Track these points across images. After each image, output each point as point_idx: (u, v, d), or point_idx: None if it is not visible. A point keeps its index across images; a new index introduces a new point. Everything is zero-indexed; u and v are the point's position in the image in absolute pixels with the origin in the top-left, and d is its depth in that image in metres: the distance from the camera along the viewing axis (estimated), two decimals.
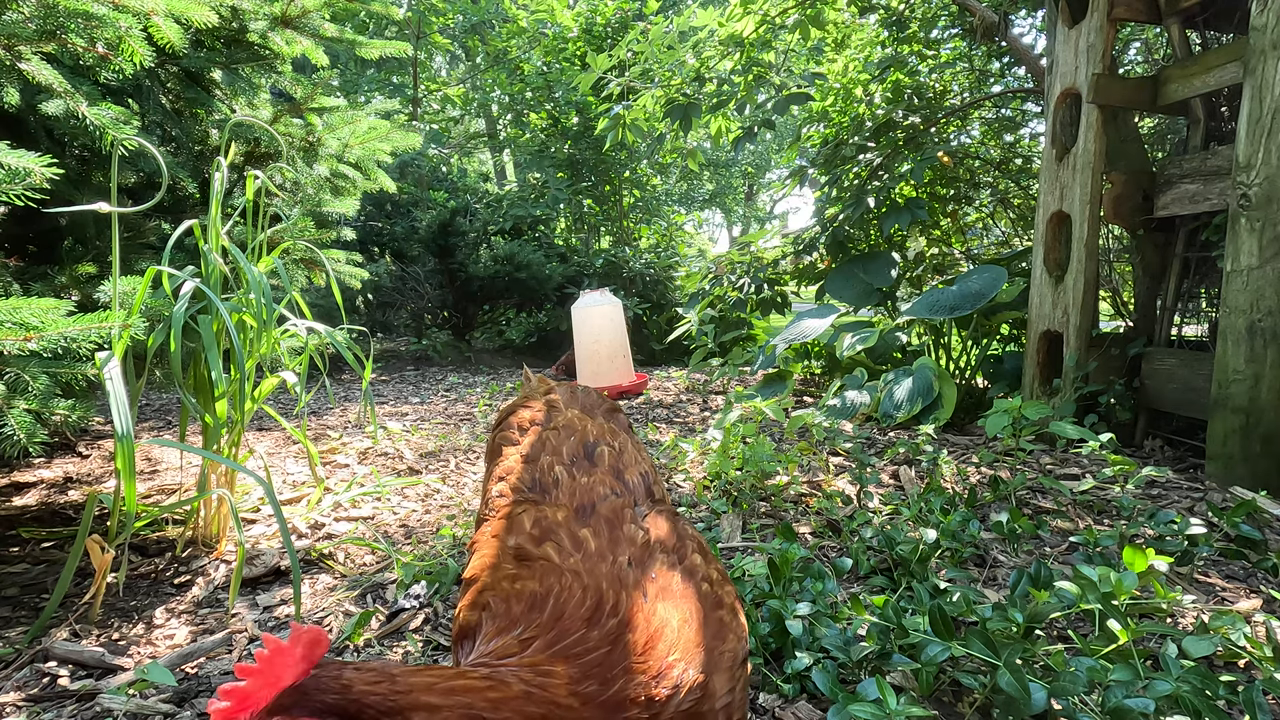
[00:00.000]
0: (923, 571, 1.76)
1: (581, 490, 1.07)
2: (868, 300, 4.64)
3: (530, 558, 0.92)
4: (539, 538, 0.95)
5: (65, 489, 2.64)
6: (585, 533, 0.95)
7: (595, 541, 0.93)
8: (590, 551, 0.91)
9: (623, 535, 0.96)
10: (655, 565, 0.91)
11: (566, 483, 1.10)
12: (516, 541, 0.96)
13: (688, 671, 0.79)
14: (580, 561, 0.89)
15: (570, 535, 0.94)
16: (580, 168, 9.33)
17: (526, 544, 0.94)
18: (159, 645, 1.60)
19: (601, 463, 1.16)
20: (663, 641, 0.80)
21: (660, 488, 1.19)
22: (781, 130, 19.01)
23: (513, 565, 0.92)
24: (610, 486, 1.09)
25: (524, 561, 0.91)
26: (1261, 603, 1.66)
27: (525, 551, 0.93)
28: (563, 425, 1.26)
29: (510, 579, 0.89)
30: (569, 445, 1.20)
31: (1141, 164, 3.35)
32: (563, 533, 0.95)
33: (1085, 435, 2.53)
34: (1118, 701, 1.11)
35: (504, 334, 7.86)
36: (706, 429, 3.29)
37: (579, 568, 0.88)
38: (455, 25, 13.29)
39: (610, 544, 0.93)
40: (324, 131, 2.57)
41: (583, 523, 0.98)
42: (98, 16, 1.52)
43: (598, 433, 1.24)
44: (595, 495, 1.06)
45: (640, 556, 0.92)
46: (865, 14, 5.54)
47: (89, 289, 1.88)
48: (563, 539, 0.94)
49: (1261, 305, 2.37)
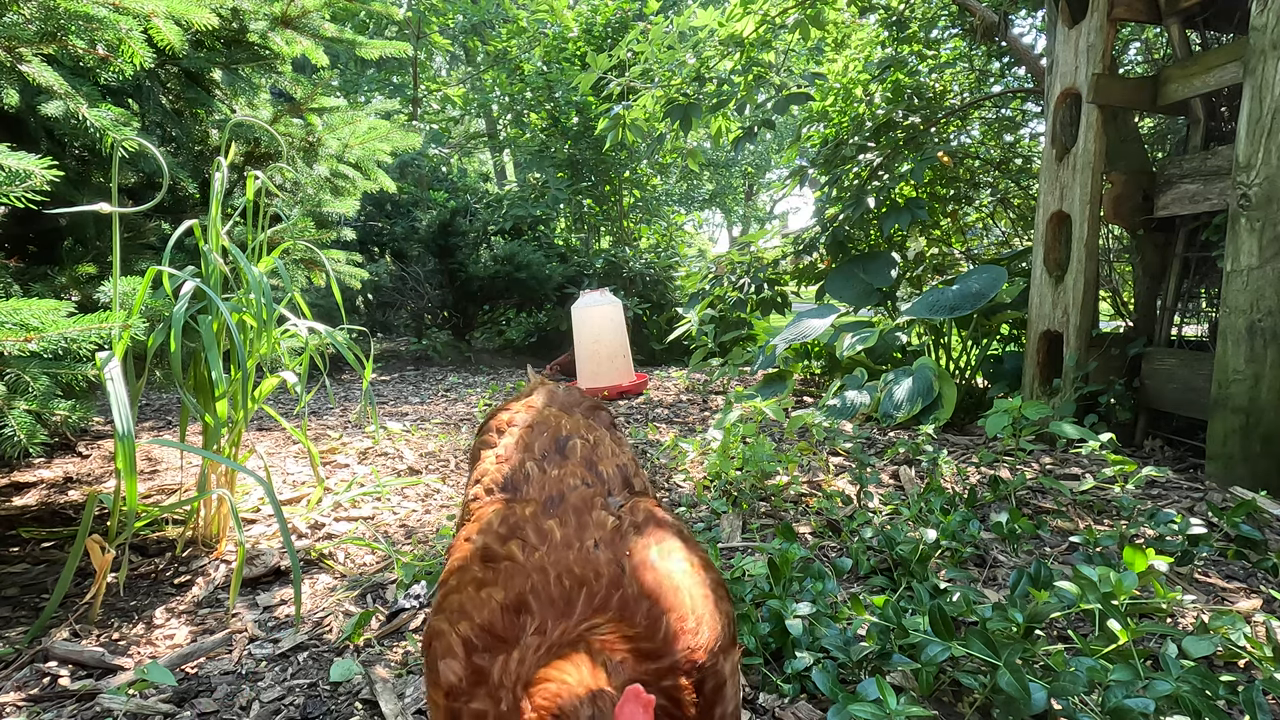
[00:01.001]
0: (923, 571, 1.76)
1: (551, 483, 1.05)
2: (868, 300, 4.64)
3: (495, 558, 0.89)
4: (505, 535, 0.93)
5: (65, 489, 2.64)
6: (551, 524, 0.93)
7: (561, 531, 0.91)
8: (556, 542, 0.89)
9: (591, 521, 0.94)
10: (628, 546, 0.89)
11: (537, 477, 1.08)
12: (484, 541, 0.93)
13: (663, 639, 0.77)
14: (545, 555, 0.87)
15: (536, 529, 0.92)
16: (580, 168, 9.33)
17: (493, 543, 0.92)
18: (159, 645, 1.60)
19: (573, 455, 1.14)
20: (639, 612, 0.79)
21: (641, 480, 1.17)
22: (781, 130, 19.01)
23: (479, 567, 0.89)
24: (581, 477, 1.07)
25: (489, 563, 0.89)
26: (1261, 603, 1.66)
27: (491, 551, 0.91)
28: (537, 423, 1.25)
29: (476, 584, 0.87)
30: (541, 441, 1.18)
31: (1141, 164, 3.35)
32: (529, 528, 0.93)
33: (1085, 435, 2.53)
34: (1118, 701, 1.11)
35: (504, 334, 7.87)
36: (706, 429, 3.29)
37: (543, 563, 0.85)
38: (455, 25, 13.29)
39: (578, 530, 0.91)
40: (324, 131, 2.57)
41: (550, 514, 0.96)
42: (98, 18, 1.52)
43: (571, 427, 1.22)
44: (565, 486, 1.04)
45: (610, 539, 0.90)
46: (865, 14, 5.54)
47: (89, 289, 1.88)
48: (528, 534, 0.92)
49: (1261, 305, 2.37)
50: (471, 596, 0.85)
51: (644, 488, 1.16)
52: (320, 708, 1.37)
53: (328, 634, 1.65)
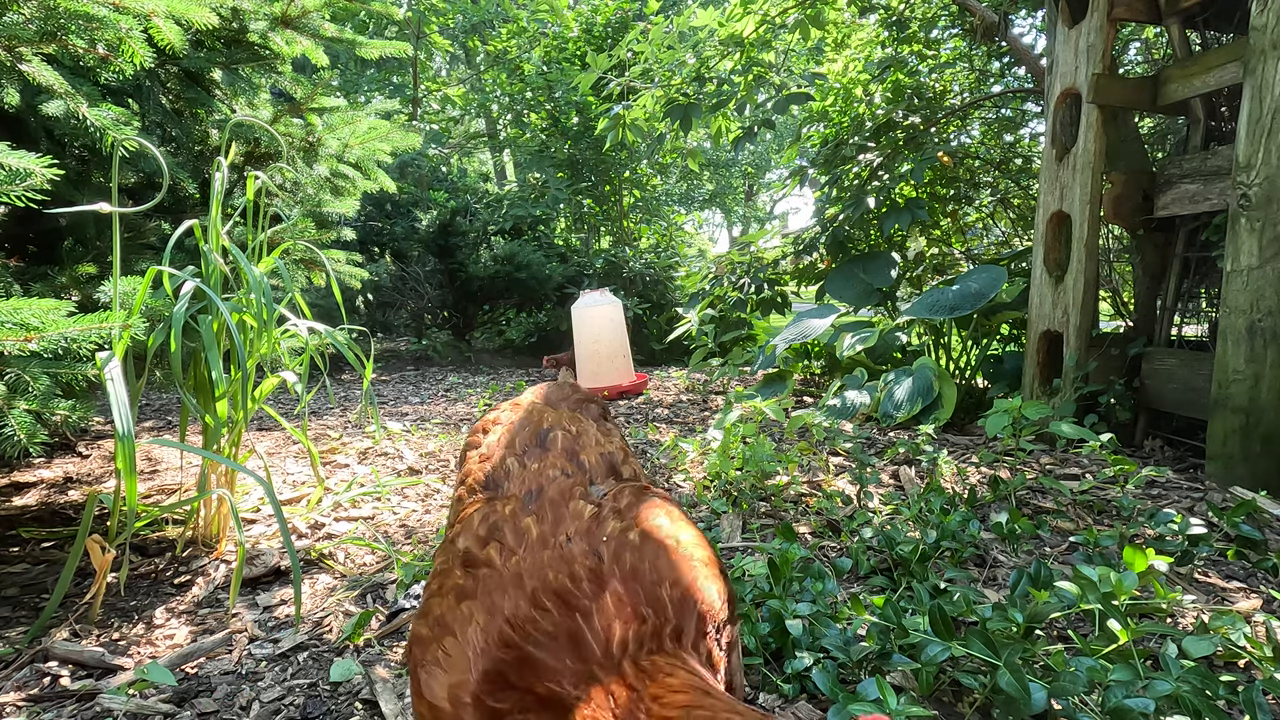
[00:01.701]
0: (923, 571, 1.76)
1: (530, 477, 1.03)
2: (868, 300, 4.64)
3: (475, 563, 0.88)
4: (485, 537, 0.91)
5: (65, 489, 2.64)
6: (528, 521, 0.91)
7: (538, 528, 0.89)
8: (532, 541, 0.87)
9: (567, 513, 0.92)
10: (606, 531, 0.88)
11: (517, 473, 1.05)
12: (465, 545, 0.91)
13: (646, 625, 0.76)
14: (521, 558, 0.85)
15: (514, 529, 0.91)
16: (580, 168, 9.33)
17: (473, 546, 0.90)
18: (159, 645, 1.60)
19: (554, 447, 1.11)
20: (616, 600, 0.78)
21: (631, 467, 1.15)
22: (781, 130, 19.02)
23: (461, 573, 0.88)
24: (561, 468, 1.05)
25: (470, 568, 0.87)
26: (1261, 603, 1.66)
27: (471, 556, 0.89)
28: (520, 419, 1.23)
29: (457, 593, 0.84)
30: (522, 436, 1.16)
31: (1141, 164, 3.35)
32: (507, 528, 0.91)
33: (1085, 435, 2.53)
34: (1118, 701, 1.11)
35: (504, 334, 7.87)
36: (706, 429, 3.29)
37: (519, 568, 0.83)
38: (455, 25, 13.29)
39: (553, 525, 0.90)
40: (324, 131, 2.57)
41: (527, 510, 0.94)
42: (98, 18, 1.52)
43: (554, 420, 1.20)
44: (544, 479, 1.01)
45: (587, 529, 0.88)
46: (865, 14, 5.54)
47: (89, 289, 1.88)
48: (506, 535, 0.90)
49: (1261, 305, 2.37)
50: (451, 608, 0.83)
51: (634, 474, 1.14)
52: (320, 708, 1.37)
53: (328, 634, 1.65)
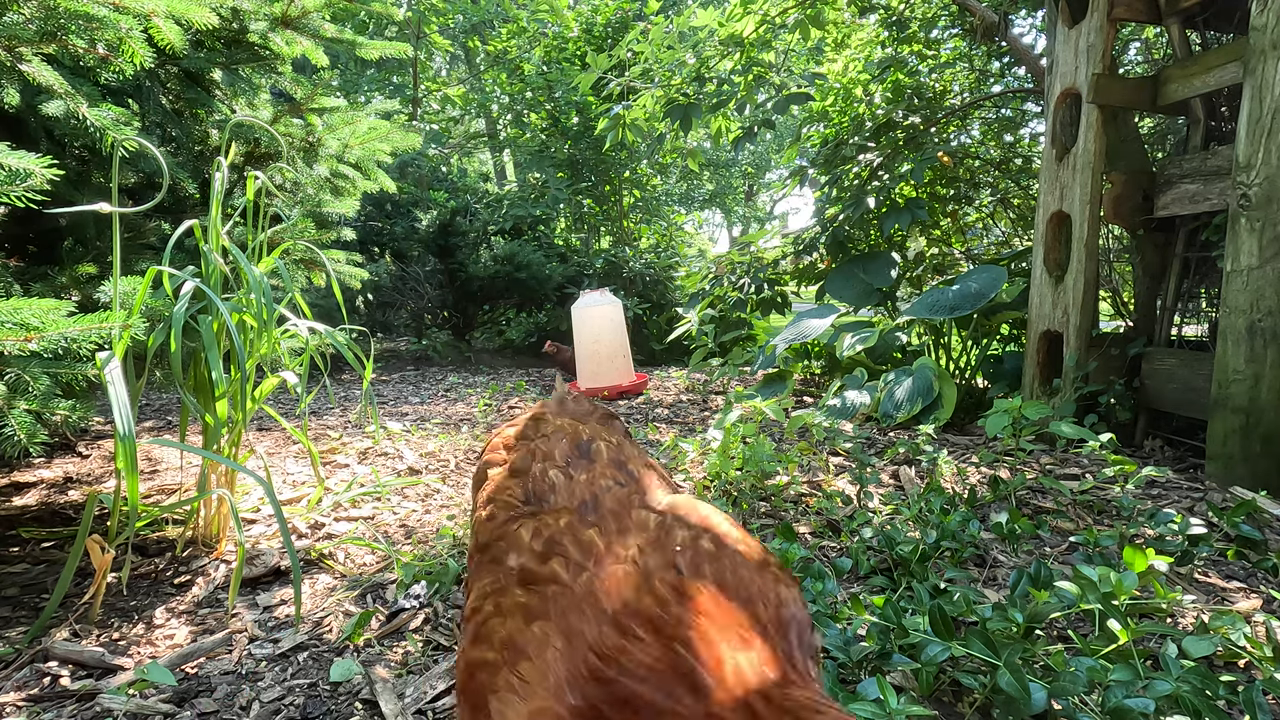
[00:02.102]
0: (923, 571, 1.76)
1: (581, 487, 0.97)
2: (868, 300, 4.64)
3: (538, 579, 0.80)
4: (543, 553, 0.84)
5: (65, 489, 2.64)
6: (591, 534, 0.85)
7: (604, 540, 0.83)
8: (600, 554, 0.81)
9: (631, 523, 0.86)
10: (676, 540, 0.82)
11: (564, 485, 0.99)
12: (520, 561, 0.84)
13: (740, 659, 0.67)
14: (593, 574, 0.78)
15: (576, 542, 0.84)
16: (580, 168, 9.34)
17: (530, 563, 0.83)
18: (159, 645, 1.60)
19: (600, 458, 1.06)
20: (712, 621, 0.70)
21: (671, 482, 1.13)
22: (781, 130, 19.02)
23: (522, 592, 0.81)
24: (613, 477, 1.00)
25: (532, 585, 0.80)
26: (1261, 603, 1.66)
27: (530, 573, 0.82)
28: (551, 433, 1.17)
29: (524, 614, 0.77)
30: (561, 448, 1.09)
31: (1141, 164, 3.35)
32: (568, 541, 0.85)
33: (1085, 435, 2.53)
34: (1118, 701, 1.11)
35: (504, 334, 7.87)
36: (706, 429, 3.29)
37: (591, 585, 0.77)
38: (455, 25, 13.30)
39: (619, 536, 0.84)
40: (324, 132, 2.57)
41: (587, 522, 0.88)
42: (98, 18, 1.52)
43: (591, 432, 1.16)
44: (597, 489, 0.96)
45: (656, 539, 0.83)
46: (865, 14, 5.54)
47: (89, 289, 1.88)
48: (568, 549, 0.83)
49: (1261, 305, 2.37)
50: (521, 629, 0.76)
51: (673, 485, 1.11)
52: (320, 708, 1.37)
53: (328, 634, 1.65)
